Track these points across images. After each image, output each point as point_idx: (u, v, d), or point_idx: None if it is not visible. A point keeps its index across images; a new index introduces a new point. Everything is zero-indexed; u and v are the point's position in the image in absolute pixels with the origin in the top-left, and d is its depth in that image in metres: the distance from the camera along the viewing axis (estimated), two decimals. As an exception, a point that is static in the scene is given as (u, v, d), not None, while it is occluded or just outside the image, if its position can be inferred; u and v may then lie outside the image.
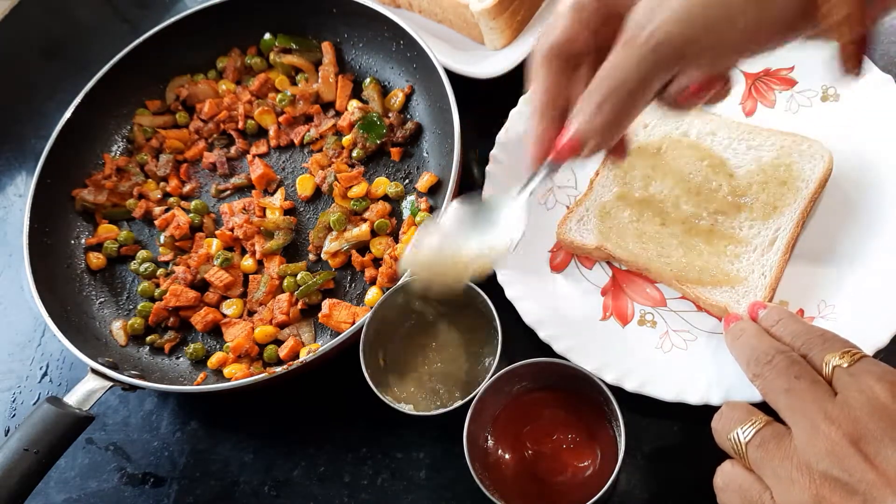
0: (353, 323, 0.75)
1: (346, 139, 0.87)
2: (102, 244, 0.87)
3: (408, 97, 0.88)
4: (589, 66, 0.52)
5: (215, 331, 0.80)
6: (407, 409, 0.63)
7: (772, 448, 0.49)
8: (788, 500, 0.47)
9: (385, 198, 0.83)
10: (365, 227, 0.80)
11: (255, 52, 0.96)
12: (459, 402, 0.61)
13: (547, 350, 0.69)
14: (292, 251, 0.84)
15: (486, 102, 0.83)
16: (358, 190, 0.83)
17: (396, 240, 0.79)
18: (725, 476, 0.52)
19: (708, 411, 0.63)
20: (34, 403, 0.84)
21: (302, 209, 0.86)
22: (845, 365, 0.50)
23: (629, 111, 0.49)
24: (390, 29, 0.86)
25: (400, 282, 0.67)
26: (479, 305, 0.65)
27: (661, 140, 0.75)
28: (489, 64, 0.85)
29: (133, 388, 0.73)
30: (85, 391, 0.71)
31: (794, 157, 0.70)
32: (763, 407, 0.54)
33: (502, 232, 0.59)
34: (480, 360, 0.67)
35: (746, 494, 0.50)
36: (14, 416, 0.84)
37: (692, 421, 0.66)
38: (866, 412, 0.47)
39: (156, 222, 0.88)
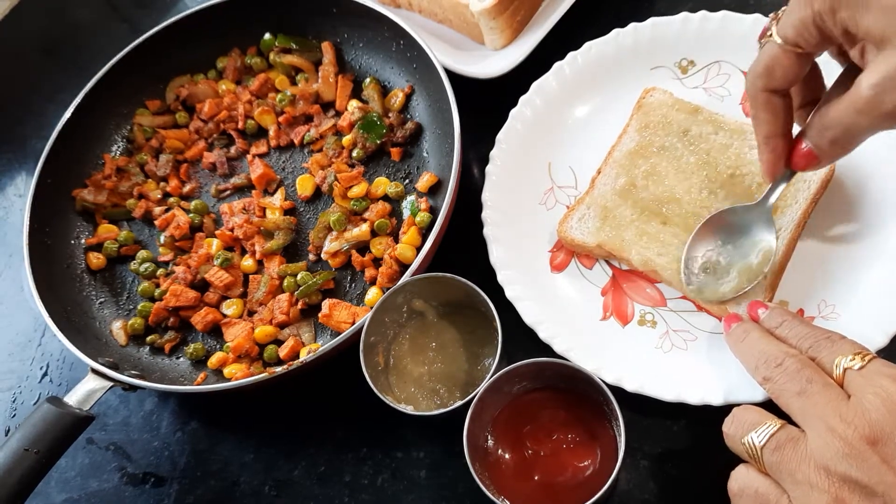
0: (353, 323, 0.75)
1: (346, 139, 0.87)
2: (102, 244, 0.87)
3: (408, 97, 0.88)
4: (799, 86, 0.57)
5: (215, 331, 0.80)
6: (407, 409, 0.63)
7: (788, 452, 0.49)
8: None
9: (385, 198, 0.83)
10: (365, 227, 0.80)
11: (255, 52, 0.96)
12: (459, 403, 0.61)
13: (547, 350, 0.69)
14: (292, 251, 0.84)
15: (486, 102, 0.83)
16: (358, 190, 0.83)
17: (396, 240, 0.79)
18: (741, 481, 0.52)
19: (708, 411, 0.63)
20: (34, 403, 0.84)
21: (302, 209, 0.86)
22: (857, 367, 0.50)
23: (858, 144, 0.53)
24: (390, 29, 0.86)
25: (400, 282, 0.67)
26: (479, 305, 0.65)
27: (663, 140, 0.75)
28: (489, 64, 0.85)
29: (133, 388, 0.73)
30: (85, 391, 0.71)
31: (795, 156, 0.70)
32: (766, 406, 0.54)
33: (762, 238, 0.66)
34: (480, 360, 0.67)
35: (763, 499, 0.50)
36: (14, 416, 0.84)
37: (692, 421, 0.66)
38: (883, 414, 0.47)
39: (156, 222, 0.88)
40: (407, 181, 0.84)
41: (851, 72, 0.52)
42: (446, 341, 0.68)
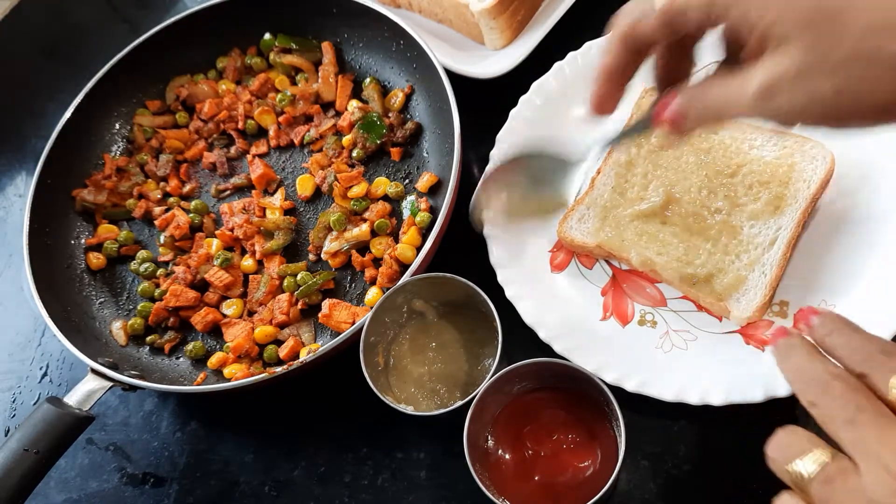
0: (353, 323, 0.75)
1: (346, 139, 0.87)
2: (102, 244, 0.87)
3: (408, 97, 0.88)
4: (659, 51, 0.54)
5: (215, 331, 0.80)
6: (407, 409, 0.63)
7: (839, 485, 0.45)
8: None
9: (385, 198, 0.83)
10: (365, 227, 0.80)
11: (255, 52, 0.96)
12: (459, 403, 0.61)
13: (547, 350, 0.69)
14: (292, 251, 0.84)
15: (486, 102, 0.83)
16: (358, 190, 0.83)
17: (396, 240, 0.79)
18: None
19: (708, 411, 0.63)
20: (34, 403, 0.84)
21: (302, 209, 0.86)
22: None
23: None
24: (390, 29, 0.86)
25: (400, 282, 0.67)
26: (479, 305, 0.65)
27: (663, 139, 0.75)
28: (489, 64, 0.85)
29: (133, 388, 0.73)
30: (85, 391, 0.71)
31: (797, 157, 0.70)
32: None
33: (564, 189, 0.66)
34: (480, 360, 0.67)
35: None
36: (14, 416, 0.84)
37: (692, 421, 0.66)
38: None
39: (156, 222, 0.88)
40: (407, 181, 0.84)
41: (734, 53, 0.50)
42: (446, 341, 0.68)
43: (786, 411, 0.63)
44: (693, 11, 0.47)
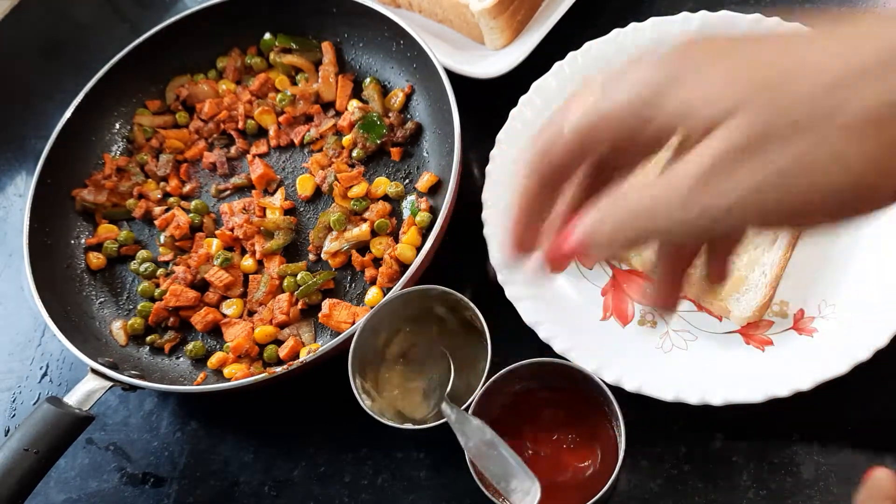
0: (353, 323, 0.75)
1: (346, 139, 0.87)
2: (102, 244, 0.87)
3: (408, 97, 0.88)
4: (581, 176, 0.42)
5: (215, 331, 0.80)
6: (401, 424, 0.63)
7: None
8: None
9: (385, 198, 0.83)
10: (365, 227, 0.80)
11: (255, 52, 0.96)
12: (453, 415, 0.61)
13: (547, 350, 0.69)
14: (292, 251, 0.84)
15: (486, 102, 0.83)
16: (358, 190, 0.83)
17: (396, 240, 0.79)
18: None
19: (708, 411, 0.63)
20: (34, 403, 0.84)
21: (302, 209, 0.86)
22: None
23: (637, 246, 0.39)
24: (390, 29, 0.86)
25: (384, 299, 0.67)
26: (464, 310, 0.64)
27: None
28: (489, 64, 0.85)
29: (133, 388, 0.73)
30: (85, 391, 0.71)
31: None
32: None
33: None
34: (477, 363, 0.67)
35: None
36: (14, 416, 0.84)
37: (692, 421, 0.66)
38: None
39: (156, 222, 0.88)
40: (407, 181, 0.84)
41: None
42: (439, 349, 0.68)
43: (785, 411, 0.63)
44: (614, 121, 0.38)
